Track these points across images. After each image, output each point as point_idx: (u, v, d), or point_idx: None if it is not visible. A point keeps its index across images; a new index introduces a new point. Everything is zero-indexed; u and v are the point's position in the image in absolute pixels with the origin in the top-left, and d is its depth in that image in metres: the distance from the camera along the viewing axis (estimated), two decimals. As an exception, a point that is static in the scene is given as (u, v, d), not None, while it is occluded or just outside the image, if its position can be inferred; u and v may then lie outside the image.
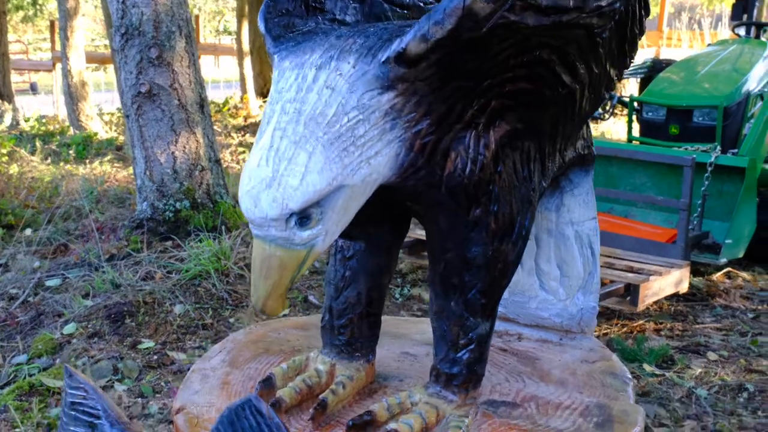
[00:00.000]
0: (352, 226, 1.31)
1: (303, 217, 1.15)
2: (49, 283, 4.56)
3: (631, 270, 4.24)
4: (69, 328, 3.98)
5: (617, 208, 5.33)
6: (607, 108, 6.11)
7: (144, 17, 4.77)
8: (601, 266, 4.24)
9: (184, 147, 5.04)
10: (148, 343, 3.87)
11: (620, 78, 1.52)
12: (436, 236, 1.38)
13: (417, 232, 4.38)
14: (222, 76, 18.78)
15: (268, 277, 1.19)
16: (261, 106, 12.19)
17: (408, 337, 1.86)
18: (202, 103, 5.22)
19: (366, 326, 1.55)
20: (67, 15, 9.57)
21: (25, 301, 4.37)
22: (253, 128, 11.30)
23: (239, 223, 5.23)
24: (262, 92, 12.70)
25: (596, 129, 8.69)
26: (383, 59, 1.16)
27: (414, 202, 1.36)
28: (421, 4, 1.60)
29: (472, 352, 1.41)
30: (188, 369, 1.88)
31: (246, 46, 12.89)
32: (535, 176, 1.40)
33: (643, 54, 12.45)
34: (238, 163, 9.04)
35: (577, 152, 1.62)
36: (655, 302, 4.38)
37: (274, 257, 1.18)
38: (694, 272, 4.80)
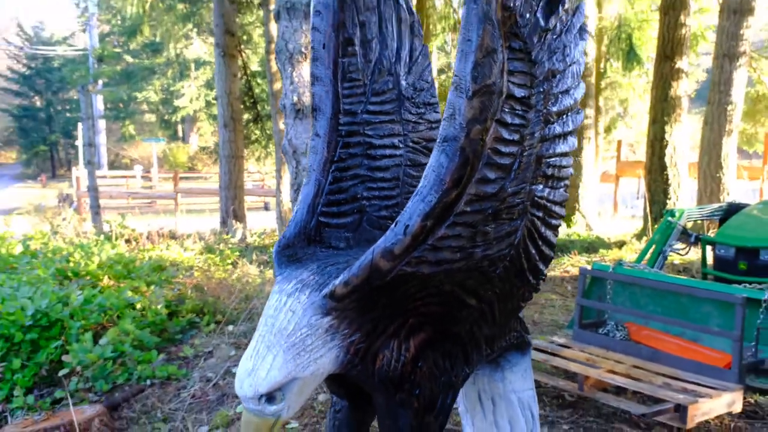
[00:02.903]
0: (338, 388, 1.52)
1: (270, 398, 1.38)
2: (234, 370, 4.93)
3: (685, 390, 4.06)
4: (240, 408, 4.29)
5: (688, 333, 5.09)
6: (687, 246, 5.92)
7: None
8: (659, 386, 4.13)
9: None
10: (293, 424, 4.10)
11: (537, 290, 1.61)
12: (378, 409, 1.55)
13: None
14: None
15: None
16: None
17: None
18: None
19: None
20: (280, 160, 10.48)
21: (216, 384, 4.73)
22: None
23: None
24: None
25: (681, 259, 8.30)
26: (323, 294, 1.39)
27: (361, 384, 1.54)
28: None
29: None
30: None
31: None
32: (457, 367, 1.54)
33: (744, 185, 11.81)
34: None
35: (509, 342, 1.72)
36: (718, 419, 4.14)
37: (252, 422, 1.41)
38: (762, 392, 4.48)
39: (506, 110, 1.37)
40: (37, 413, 3.69)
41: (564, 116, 1.52)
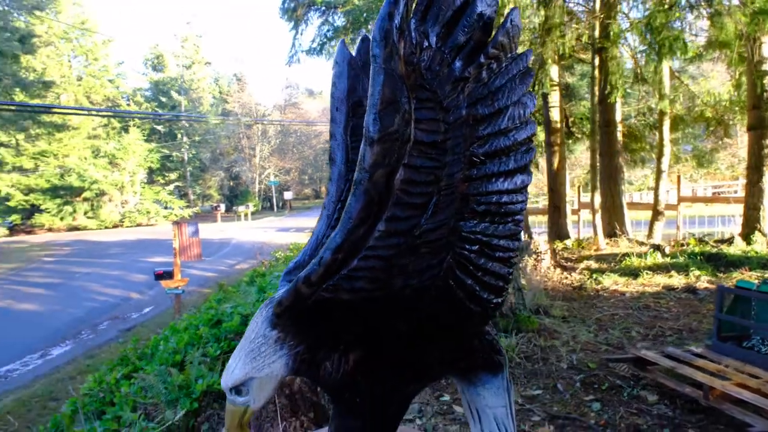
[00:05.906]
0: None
1: (237, 391, 1.26)
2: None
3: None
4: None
5: None
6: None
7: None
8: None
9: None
10: (444, 397, 3.82)
11: (490, 317, 1.24)
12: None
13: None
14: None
15: (227, 417, 1.31)
16: (608, 243, 10.91)
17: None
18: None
19: None
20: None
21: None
22: (597, 258, 9.94)
23: (528, 328, 4.89)
24: (609, 234, 11.36)
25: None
26: (272, 311, 1.23)
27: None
28: None
29: None
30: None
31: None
32: (402, 382, 1.25)
33: None
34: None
35: (478, 364, 1.35)
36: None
37: (229, 408, 1.29)
38: None
39: (415, 155, 1.09)
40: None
41: (501, 156, 1.17)
